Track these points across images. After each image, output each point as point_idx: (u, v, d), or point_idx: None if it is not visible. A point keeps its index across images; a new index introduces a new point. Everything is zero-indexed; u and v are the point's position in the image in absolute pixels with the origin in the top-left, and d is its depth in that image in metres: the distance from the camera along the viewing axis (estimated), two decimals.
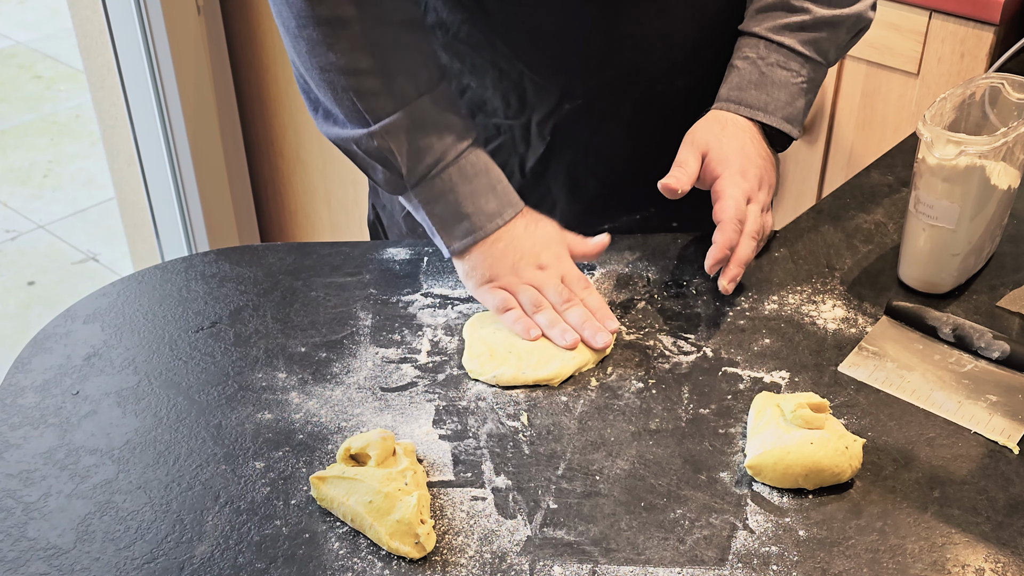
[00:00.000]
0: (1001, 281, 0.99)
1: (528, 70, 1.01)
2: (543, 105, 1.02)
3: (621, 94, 1.02)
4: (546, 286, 0.93)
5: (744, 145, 0.95)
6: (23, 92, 3.51)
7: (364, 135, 0.91)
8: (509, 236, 0.94)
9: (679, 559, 0.73)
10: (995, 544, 0.74)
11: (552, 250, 0.95)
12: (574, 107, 1.02)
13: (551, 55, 0.99)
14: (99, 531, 0.75)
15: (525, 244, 0.94)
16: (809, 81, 0.98)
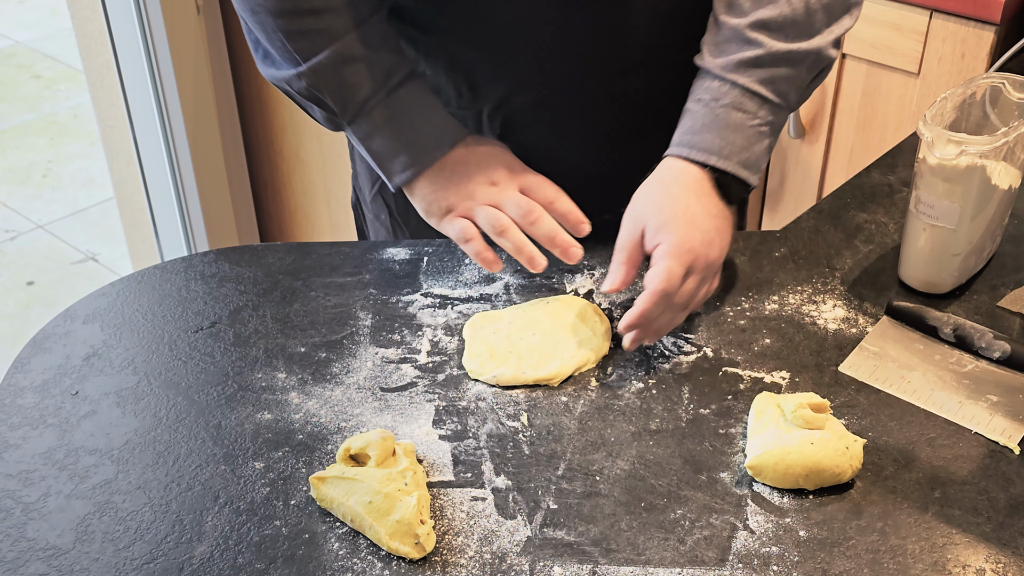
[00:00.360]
0: (1002, 281, 0.99)
1: (478, 60, 1.00)
2: (493, 97, 1.01)
3: (575, 91, 1.00)
4: (504, 202, 0.91)
5: (688, 207, 0.88)
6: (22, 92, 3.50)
7: (294, 75, 0.91)
8: (452, 162, 0.93)
9: (679, 559, 0.73)
10: (996, 544, 0.74)
11: (501, 161, 0.93)
12: (525, 101, 1.00)
13: (502, 45, 0.98)
14: (98, 531, 0.75)
15: (471, 165, 0.93)
16: (768, 124, 0.91)
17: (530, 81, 0.99)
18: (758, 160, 0.91)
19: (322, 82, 0.91)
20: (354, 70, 0.91)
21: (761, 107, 0.91)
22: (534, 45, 0.97)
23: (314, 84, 0.91)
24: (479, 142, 0.95)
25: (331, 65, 0.90)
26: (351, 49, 0.91)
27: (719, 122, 0.90)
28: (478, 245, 0.92)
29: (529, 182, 0.93)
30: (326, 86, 0.91)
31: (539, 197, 0.92)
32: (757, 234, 1.05)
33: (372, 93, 0.92)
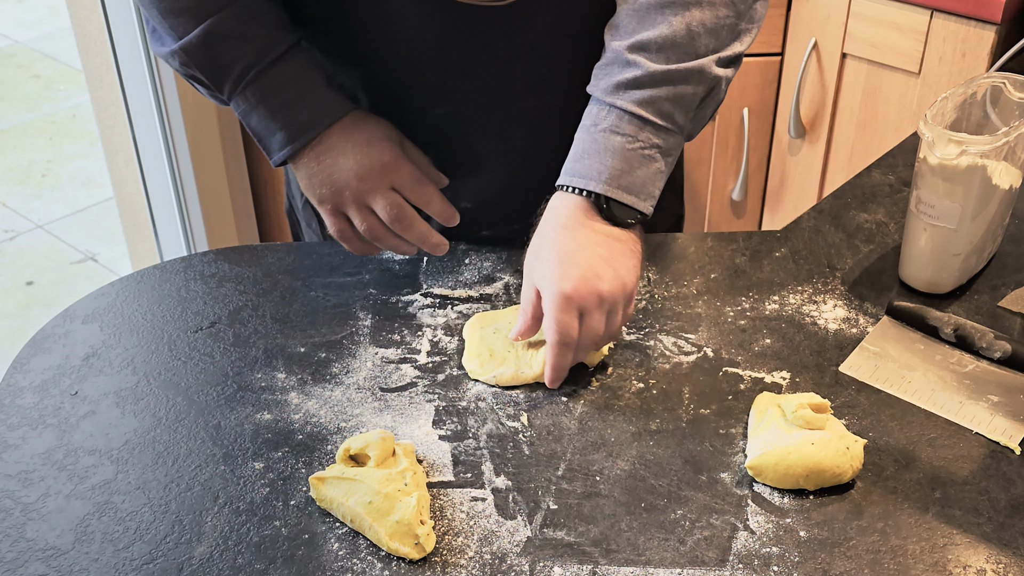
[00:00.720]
0: (1002, 281, 0.99)
1: (390, 79, 0.99)
2: (409, 110, 1.00)
3: (486, 108, 0.98)
4: (374, 202, 0.92)
5: (563, 247, 0.86)
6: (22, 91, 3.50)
7: (169, 52, 0.91)
8: (332, 153, 0.92)
9: (680, 560, 0.73)
10: (997, 545, 0.74)
11: (376, 153, 0.93)
12: (439, 114, 0.99)
13: (410, 60, 0.96)
14: (98, 532, 0.75)
15: (345, 154, 0.92)
16: (654, 147, 0.88)
17: (442, 98, 0.98)
18: (645, 184, 0.88)
19: (194, 60, 0.90)
20: (225, 48, 0.90)
21: (642, 129, 0.87)
22: (444, 64, 0.96)
23: (186, 62, 0.91)
24: (358, 123, 0.93)
25: (202, 44, 0.90)
26: (223, 27, 0.90)
27: (597, 146, 0.88)
28: (355, 245, 0.94)
29: (401, 179, 0.93)
30: (198, 65, 0.91)
31: (411, 198, 0.93)
32: (757, 234, 1.05)
33: (244, 71, 0.91)
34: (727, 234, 1.05)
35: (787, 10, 1.79)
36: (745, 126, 1.89)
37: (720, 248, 1.03)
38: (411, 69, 0.97)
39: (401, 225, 0.93)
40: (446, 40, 0.94)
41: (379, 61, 0.97)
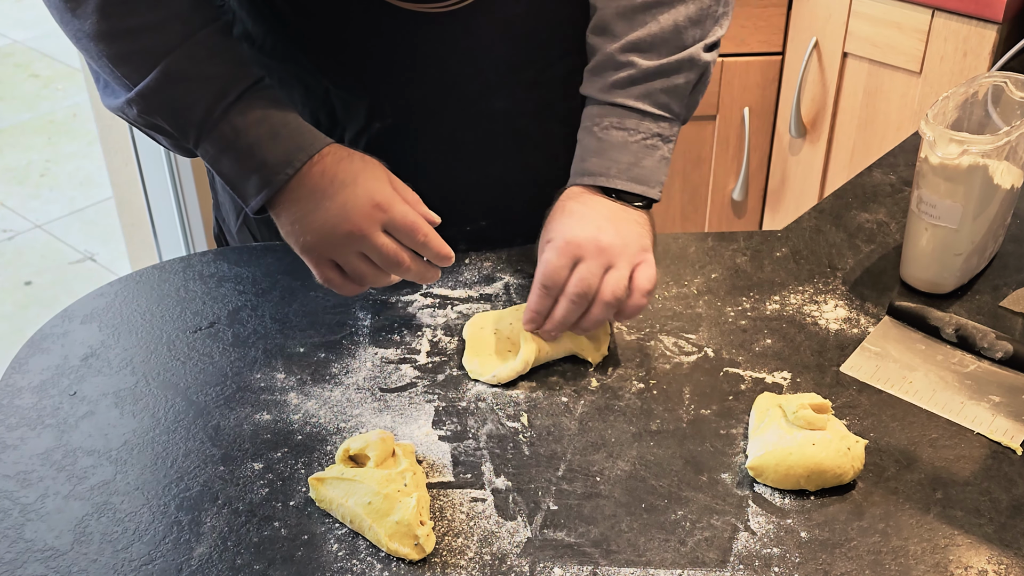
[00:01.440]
0: (1004, 281, 0.99)
1: (333, 86, 0.97)
2: (353, 123, 0.98)
3: (434, 114, 0.97)
4: (368, 249, 0.85)
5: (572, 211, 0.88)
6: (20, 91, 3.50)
7: (125, 102, 0.85)
8: (309, 188, 0.85)
9: (680, 561, 0.72)
10: (998, 546, 0.73)
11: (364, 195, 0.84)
12: (385, 126, 0.97)
13: (355, 71, 0.95)
14: (97, 532, 0.74)
15: (333, 203, 0.84)
16: (655, 136, 0.91)
17: (388, 106, 0.97)
18: (652, 172, 0.91)
19: (153, 107, 0.84)
20: (185, 89, 0.84)
21: (642, 121, 0.91)
22: (389, 70, 0.95)
23: (145, 110, 0.85)
24: (340, 161, 0.86)
25: (158, 88, 0.84)
26: (179, 67, 0.84)
27: (602, 145, 0.91)
28: (346, 289, 0.88)
29: (395, 222, 0.85)
30: (159, 110, 0.85)
31: (406, 242, 0.86)
32: (758, 234, 1.05)
33: (207, 112, 0.84)
34: (728, 234, 1.05)
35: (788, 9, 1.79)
36: (746, 125, 1.89)
37: (721, 248, 1.03)
38: (357, 80, 0.95)
39: (398, 271, 0.87)
40: (392, 49, 0.93)
41: (325, 75, 0.96)
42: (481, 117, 0.99)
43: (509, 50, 0.96)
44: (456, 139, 1.00)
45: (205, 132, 0.85)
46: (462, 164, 1.01)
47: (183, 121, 0.85)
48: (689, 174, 1.97)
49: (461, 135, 1.00)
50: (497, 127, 1.00)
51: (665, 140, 0.92)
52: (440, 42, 0.93)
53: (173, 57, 0.84)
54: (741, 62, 1.84)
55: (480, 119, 0.99)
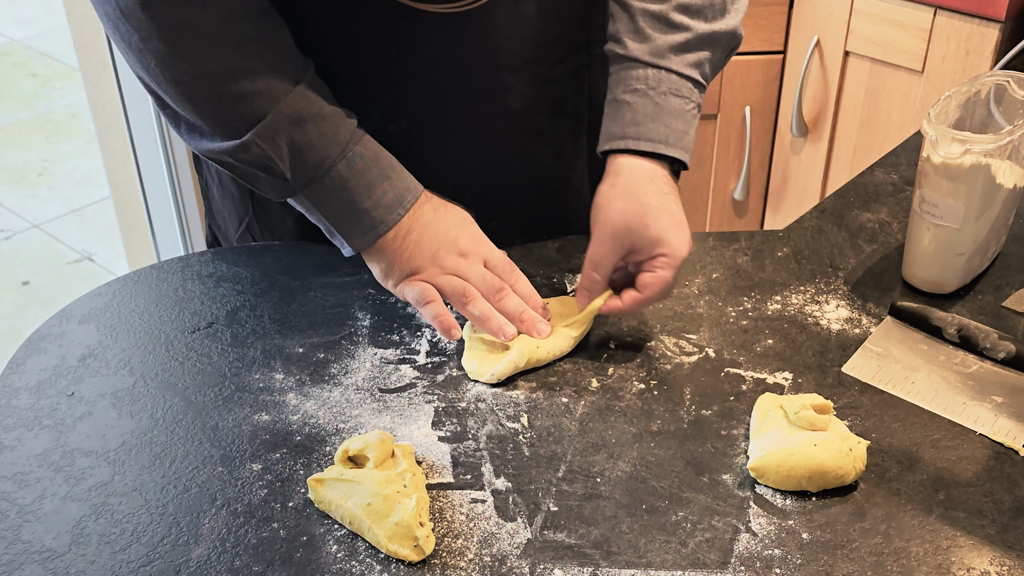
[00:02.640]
0: (1007, 281, 0.98)
1: (347, 88, 0.95)
2: (366, 126, 0.96)
3: (447, 114, 0.97)
4: (471, 275, 0.88)
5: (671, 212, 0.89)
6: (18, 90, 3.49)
7: (238, 145, 0.85)
8: (420, 225, 0.89)
9: (681, 562, 0.72)
10: (1001, 547, 0.73)
11: (469, 233, 0.90)
12: (399, 128, 0.97)
13: (368, 73, 0.95)
14: (94, 534, 0.74)
15: (439, 230, 0.89)
16: (697, 107, 0.93)
17: (402, 107, 0.97)
18: (692, 141, 0.94)
19: (271, 149, 0.84)
20: (303, 131, 0.85)
21: (693, 91, 0.92)
22: (400, 74, 0.94)
23: (263, 152, 0.85)
24: (441, 202, 0.91)
25: (277, 129, 0.84)
26: (296, 107, 0.85)
27: (661, 111, 0.90)
28: (439, 308, 0.88)
29: (494, 259, 0.90)
30: (276, 153, 0.85)
31: (502, 275, 0.90)
32: (760, 234, 1.05)
33: (326, 154, 0.86)
34: (729, 234, 1.05)
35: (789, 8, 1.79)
36: (747, 125, 1.88)
37: (722, 248, 1.03)
38: (371, 82, 0.95)
39: (499, 296, 0.89)
40: (407, 50, 0.93)
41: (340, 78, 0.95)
42: (494, 116, 0.99)
43: (523, 47, 0.96)
44: (469, 139, 1.00)
45: (320, 174, 0.87)
46: (474, 164, 1.01)
47: (300, 162, 0.86)
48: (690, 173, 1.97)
49: (474, 135, 0.99)
50: (510, 125, 1.00)
51: (699, 110, 0.94)
52: (456, 42, 0.93)
53: (291, 97, 0.85)
54: (742, 61, 1.83)
55: (493, 118, 0.99)
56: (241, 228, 1.08)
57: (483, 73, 0.96)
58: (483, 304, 0.88)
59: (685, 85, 0.91)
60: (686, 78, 0.91)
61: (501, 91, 0.97)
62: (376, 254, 0.90)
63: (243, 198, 1.04)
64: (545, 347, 0.88)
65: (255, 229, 1.07)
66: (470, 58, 0.94)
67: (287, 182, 0.87)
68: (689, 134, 0.92)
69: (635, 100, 0.91)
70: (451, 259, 0.89)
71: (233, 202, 1.06)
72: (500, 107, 0.98)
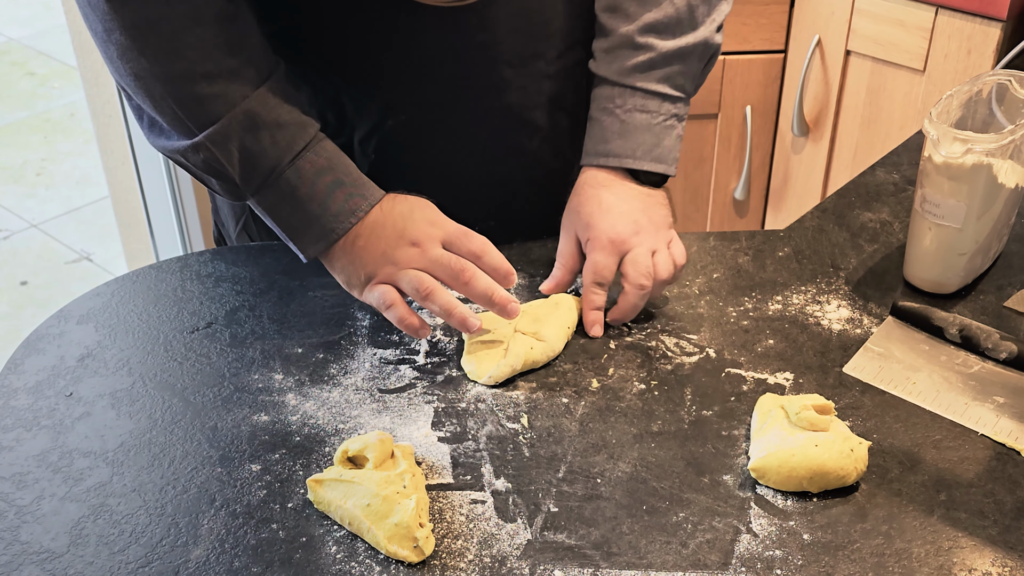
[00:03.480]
0: (1008, 281, 0.98)
1: (345, 85, 0.96)
2: (364, 122, 0.98)
3: (447, 111, 0.97)
4: (428, 263, 0.86)
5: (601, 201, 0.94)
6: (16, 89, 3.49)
7: (189, 146, 0.84)
8: (367, 229, 0.87)
9: (682, 563, 0.72)
10: (1003, 548, 0.73)
11: (418, 219, 0.87)
12: (398, 123, 0.97)
13: (367, 69, 0.94)
14: (93, 535, 0.74)
15: (387, 227, 0.87)
16: (672, 116, 0.96)
17: (400, 104, 0.97)
18: (671, 150, 0.96)
19: (222, 153, 0.84)
20: (255, 138, 0.84)
21: (663, 103, 0.95)
22: (401, 69, 0.94)
23: (212, 156, 0.84)
24: (396, 201, 0.89)
25: (230, 134, 0.84)
26: (251, 114, 0.84)
27: (626, 127, 0.95)
28: (401, 310, 0.86)
29: (452, 236, 0.87)
30: (226, 157, 0.84)
31: (464, 251, 0.87)
32: (760, 233, 1.05)
33: (276, 162, 0.85)
34: (730, 233, 1.05)
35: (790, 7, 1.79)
36: (748, 124, 1.88)
37: (723, 248, 1.03)
38: (369, 76, 0.95)
39: (463, 278, 0.86)
40: (408, 44, 0.93)
41: (338, 73, 0.95)
42: (493, 111, 0.99)
43: (522, 42, 0.96)
44: (467, 134, 1.00)
45: (270, 180, 0.86)
46: (472, 160, 1.01)
47: (249, 169, 0.86)
48: (691, 173, 1.96)
49: (473, 130, 0.99)
50: (508, 121, 1.00)
51: (680, 119, 0.97)
52: (455, 37, 0.93)
53: (246, 103, 0.84)
54: (743, 60, 1.83)
55: (491, 113, 0.99)
56: (239, 226, 1.08)
57: (482, 68, 0.96)
58: (443, 296, 0.86)
59: (652, 101, 0.95)
60: (653, 94, 0.95)
61: (500, 86, 0.97)
62: (333, 263, 0.90)
63: None
64: (540, 348, 0.88)
65: (251, 228, 1.07)
66: (469, 53, 0.94)
67: (238, 186, 0.87)
68: (662, 145, 0.95)
69: (603, 118, 0.96)
70: (402, 253, 0.86)
71: (232, 204, 1.06)
72: (499, 102, 0.98)
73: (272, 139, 0.85)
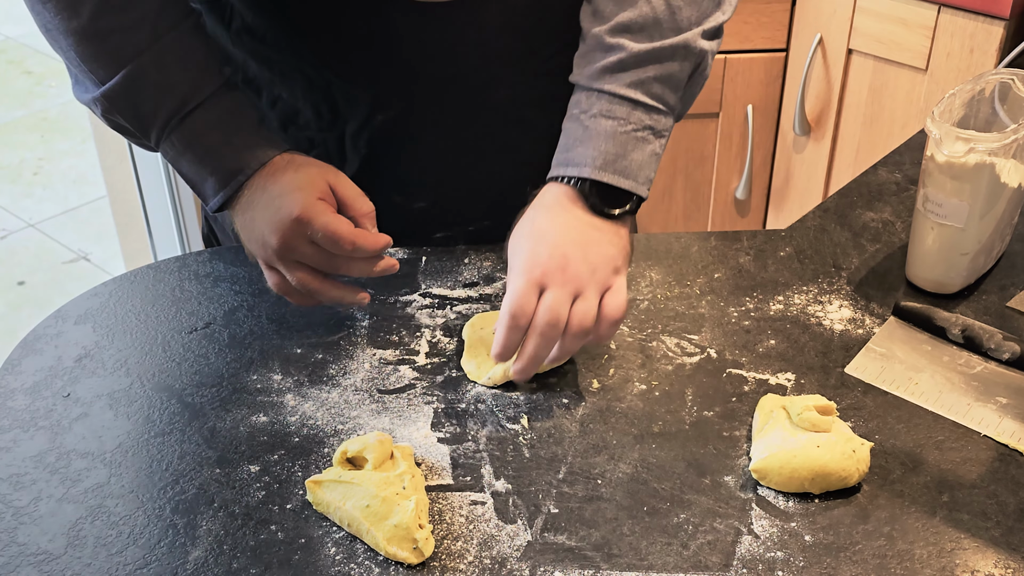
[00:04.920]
0: (1011, 281, 0.98)
1: (336, 78, 0.95)
2: (355, 116, 0.97)
3: (438, 105, 0.96)
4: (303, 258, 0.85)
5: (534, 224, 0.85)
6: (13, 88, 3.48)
7: (92, 100, 0.87)
8: (252, 206, 0.86)
9: (683, 565, 0.72)
10: (1005, 549, 0.73)
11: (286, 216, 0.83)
12: (388, 118, 0.96)
13: (358, 63, 0.94)
14: (90, 536, 0.74)
15: (262, 216, 0.85)
16: (646, 129, 0.86)
17: (391, 99, 0.96)
18: (640, 167, 0.86)
19: (117, 108, 0.86)
20: (147, 95, 0.85)
21: (633, 111, 0.86)
22: (392, 63, 0.94)
23: (109, 110, 0.86)
24: (277, 172, 0.86)
25: (123, 91, 0.85)
26: (145, 71, 0.85)
27: (588, 133, 0.86)
28: (296, 298, 0.88)
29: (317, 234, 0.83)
30: (122, 112, 0.86)
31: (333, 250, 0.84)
32: (762, 233, 1.05)
33: (169, 117, 0.86)
34: (731, 233, 1.05)
35: (792, 5, 1.79)
36: (749, 123, 1.88)
37: (724, 247, 1.02)
38: (361, 72, 0.94)
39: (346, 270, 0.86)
40: (397, 40, 0.92)
41: (328, 66, 0.95)
42: (485, 108, 0.98)
43: (514, 40, 0.95)
44: (460, 131, 0.99)
45: (165, 135, 0.87)
46: (466, 158, 1.00)
47: (145, 123, 0.87)
48: (692, 172, 1.96)
49: (465, 127, 0.99)
50: (501, 119, 0.99)
51: (657, 134, 0.87)
52: (446, 33, 0.92)
53: (139, 61, 0.85)
54: (744, 59, 1.83)
55: (484, 110, 0.98)
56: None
57: (474, 65, 0.95)
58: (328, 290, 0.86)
59: (620, 107, 0.86)
60: (621, 98, 0.86)
61: (492, 83, 0.96)
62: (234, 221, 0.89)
63: None
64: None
65: None
66: (461, 49, 0.93)
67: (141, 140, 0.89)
68: (630, 157, 0.85)
69: (569, 126, 0.88)
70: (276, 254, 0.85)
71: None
72: (491, 100, 0.97)
73: (162, 98, 0.86)
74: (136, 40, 0.85)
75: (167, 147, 0.88)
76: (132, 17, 0.85)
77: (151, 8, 0.86)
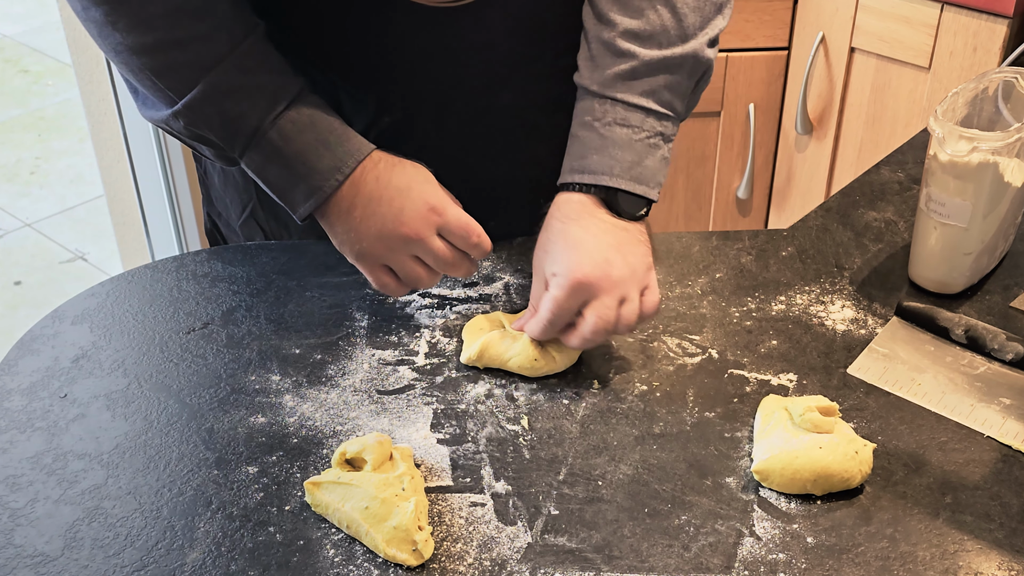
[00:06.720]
0: (1015, 281, 0.98)
1: (341, 80, 0.96)
2: (360, 118, 0.97)
3: (442, 108, 0.97)
4: (423, 252, 0.87)
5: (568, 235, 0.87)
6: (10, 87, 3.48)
7: (171, 115, 0.86)
8: (363, 199, 0.86)
9: (684, 567, 0.71)
10: (1008, 551, 0.72)
11: (417, 200, 0.86)
12: (393, 120, 0.97)
13: (363, 65, 0.94)
14: (87, 538, 0.73)
15: (383, 206, 0.86)
16: (657, 135, 0.90)
17: (396, 101, 0.96)
18: (654, 172, 0.89)
19: (201, 119, 0.85)
20: (234, 100, 0.85)
21: (646, 118, 0.89)
22: (396, 65, 0.94)
23: (193, 122, 0.85)
24: (392, 167, 0.88)
25: (207, 99, 0.84)
26: (227, 78, 0.84)
27: (605, 142, 0.89)
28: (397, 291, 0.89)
29: (450, 227, 0.87)
30: (206, 122, 0.85)
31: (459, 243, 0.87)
32: (764, 233, 1.04)
33: (258, 122, 0.85)
34: (732, 233, 1.04)
35: (794, 4, 1.78)
36: (751, 122, 1.88)
37: (725, 247, 1.02)
38: (366, 75, 0.95)
39: (453, 271, 0.88)
40: (401, 43, 0.92)
41: (333, 69, 0.95)
42: (490, 111, 0.98)
43: (519, 43, 0.95)
44: (464, 134, 0.99)
45: (254, 142, 0.86)
46: (470, 160, 1.01)
47: (232, 132, 0.86)
48: (693, 172, 1.96)
49: (470, 130, 0.99)
50: (506, 121, 0.99)
51: (666, 139, 0.91)
52: (451, 36, 0.92)
53: (221, 68, 0.84)
54: (746, 57, 1.83)
55: (489, 113, 0.98)
56: (245, 214, 1.07)
57: (478, 68, 0.95)
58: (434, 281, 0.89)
59: (634, 115, 0.89)
60: (635, 107, 0.89)
61: (496, 86, 0.97)
62: (330, 227, 0.89)
63: (246, 184, 1.04)
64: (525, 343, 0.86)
65: (259, 215, 1.06)
66: (465, 52, 0.94)
67: (226, 151, 0.88)
68: (643, 165, 0.89)
69: (582, 133, 0.90)
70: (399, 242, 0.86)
71: (236, 188, 1.06)
72: (495, 102, 0.98)
73: (250, 101, 0.85)
74: (215, 47, 0.84)
75: (254, 154, 0.87)
76: (208, 25, 0.84)
77: (226, 15, 0.85)
